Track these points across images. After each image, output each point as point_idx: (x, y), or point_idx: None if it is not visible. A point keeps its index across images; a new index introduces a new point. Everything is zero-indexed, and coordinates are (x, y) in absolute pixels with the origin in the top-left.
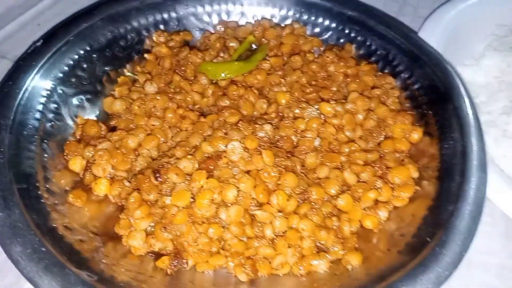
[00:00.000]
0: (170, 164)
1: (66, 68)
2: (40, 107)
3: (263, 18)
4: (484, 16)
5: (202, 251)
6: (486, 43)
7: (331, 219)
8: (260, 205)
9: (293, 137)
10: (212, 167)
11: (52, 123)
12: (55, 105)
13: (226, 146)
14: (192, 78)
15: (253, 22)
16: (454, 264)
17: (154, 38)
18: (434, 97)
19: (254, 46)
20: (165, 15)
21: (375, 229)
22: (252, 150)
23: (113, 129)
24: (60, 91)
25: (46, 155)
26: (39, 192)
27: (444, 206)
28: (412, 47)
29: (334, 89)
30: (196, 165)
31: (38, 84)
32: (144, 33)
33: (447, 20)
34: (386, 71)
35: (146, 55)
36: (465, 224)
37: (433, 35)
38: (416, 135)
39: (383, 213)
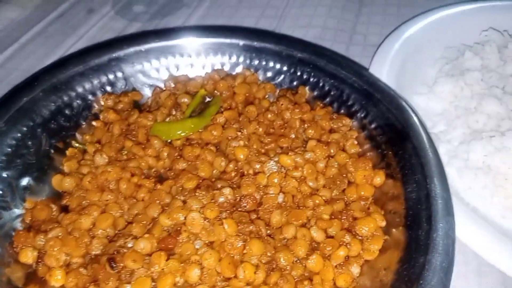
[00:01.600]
0: (127, 248)
1: (8, 150)
2: None
3: (213, 69)
4: (432, 40)
5: None
6: (437, 68)
7: (303, 284)
8: (227, 280)
9: (255, 195)
10: (171, 246)
11: None
12: None
13: (185, 218)
14: (145, 142)
15: (203, 73)
16: None
17: (101, 101)
18: (393, 136)
19: (207, 99)
20: (111, 76)
21: (349, 287)
22: (213, 219)
23: (65, 208)
24: (5, 176)
25: None
26: None
27: (414, 258)
28: (364, 85)
29: (293, 136)
30: (155, 244)
31: None
32: (91, 97)
33: (396, 49)
34: (342, 111)
35: (93, 123)
36: (438, 278)
37: (384, 67)
38: (379, 179)
39: (355, 269)
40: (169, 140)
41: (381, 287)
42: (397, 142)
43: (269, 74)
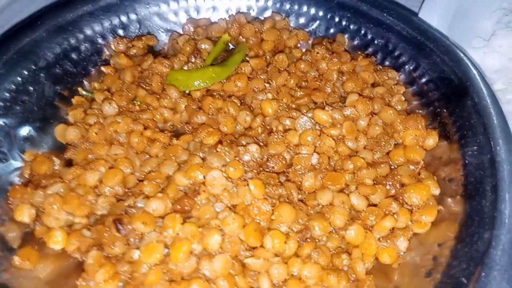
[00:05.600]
0: (136, 208)
1: (7, 95)
2: None
3: (238, 12)
4: None
5: None
6: (494, 20)
7: (340, 257)
8: (252, 249)
9: (285, 154)
10: (188, 208)
11: None
12: None
13: (204, 177)
14: (160, 91)
15: (227, 17)
16: None
17: (112, 46)
18: (448, 92)
19: (231, 46)
20: (124, 18)
21: (394, 264)
22: (237, 179)
23: (69, 162)
24: (2, 124)
25: None
26: None
27: (477, 233)
28: (415, 32)
29: (328, 90)
30: (170, 205)
31: None
32: (101, 41)
33: None
34: (386, 63)
35: (103, 68)
36: (508, 258)
37: (434, 15)
38: (431, 140)
39: (402, 243)
40: (187, 91)
41: (435, 267)
42: (454, 99)
43: (302, 20)
